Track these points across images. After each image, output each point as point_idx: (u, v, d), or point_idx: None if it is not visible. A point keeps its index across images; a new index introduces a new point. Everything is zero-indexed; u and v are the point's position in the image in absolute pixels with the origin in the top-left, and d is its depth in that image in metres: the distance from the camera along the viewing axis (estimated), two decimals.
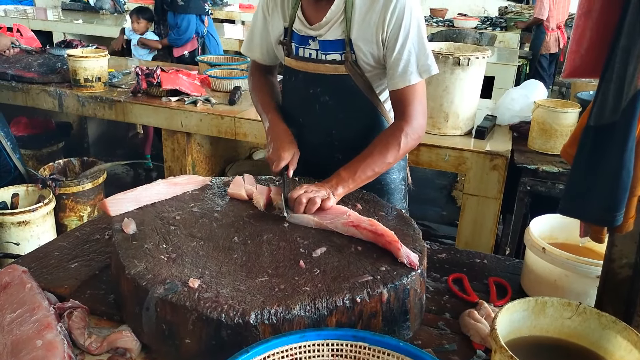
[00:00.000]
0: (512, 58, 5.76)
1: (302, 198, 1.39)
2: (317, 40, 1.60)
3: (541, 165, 2.62)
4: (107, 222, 1.61)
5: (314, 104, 1.67)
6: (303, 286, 1.12)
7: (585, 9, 1.03)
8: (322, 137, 1.71)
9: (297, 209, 1.39)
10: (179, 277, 1.13)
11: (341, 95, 1.64)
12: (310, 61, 1.64)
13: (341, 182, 1.48)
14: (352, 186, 1.50)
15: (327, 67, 1.61)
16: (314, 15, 1.59)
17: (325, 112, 1.67)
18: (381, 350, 0.96)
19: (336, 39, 1.57)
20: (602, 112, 0.98)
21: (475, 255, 1.62)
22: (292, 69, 1.69)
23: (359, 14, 1.53)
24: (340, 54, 1.58)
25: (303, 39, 1.63)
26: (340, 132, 1.69)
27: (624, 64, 0.94)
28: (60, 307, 1.19)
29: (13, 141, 3.25)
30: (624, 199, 0.99)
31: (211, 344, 1.05)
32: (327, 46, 1.59)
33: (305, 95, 1.68)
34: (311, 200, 1.39)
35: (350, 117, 1.67)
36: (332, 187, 1.46)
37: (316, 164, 1.67)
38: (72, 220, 3.38)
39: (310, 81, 1.66)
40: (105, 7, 7.86)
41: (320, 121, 1.69)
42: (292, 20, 1.62)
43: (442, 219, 4.32)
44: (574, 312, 1.07)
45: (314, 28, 1.59)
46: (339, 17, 1.54)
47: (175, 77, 3.35)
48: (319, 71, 1.62)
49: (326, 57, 1.61)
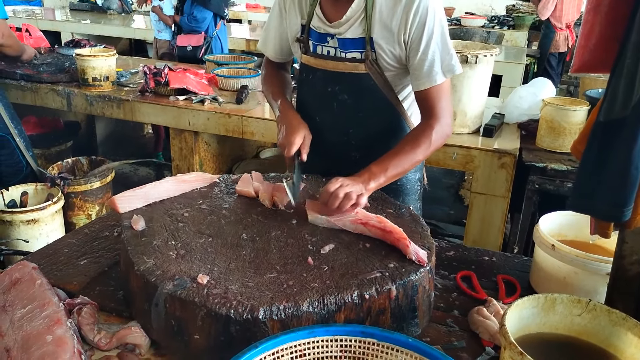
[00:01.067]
0: (519, 56, 5.73)
1: (339, 192, 1.36)
2: (336, 37, 1.58)
3: (549, 163, 2.60)
4: (116, 219, 1.62)
5: (331, 102, 1.65)
6: (311, 282, 1.12)
7: (594, 3, 1.02)
8: (339, 136, 1.69)
9: (332, 202, 1.35)
10: (188, 274, 1.13)
11: (360, 93, 1.62)
12: (329, 59, 1.62)
13: (373, 176, 1.45)
14: (382, 181, 1.47)
15: (347, 65, 1.59)
16: (333, 12, 1.57)
17: (343, 110, 1.65)
18: (390, 346, 0.96)
19: (356, 37, 1.55)
20: (612, 107, 0.98)
21: (484, 252, 1.61)
22: (310, 66, 1.67)
23: (379, 12, 1.51)
24: (360, 52, 1.57)
25: (321, 37, 1.61)
26: (357, 131, 1.67)
27: (635, 59, 0.93)
28: (70, 303, 1.20)
29: (26, 139, 3.27)
30: (633, 195, 0.98)
31: (220, 340, 1.05)
32: (347, 44, 1.58)
33: (323, 93, 1.66)
34: (347, 196, 1.36)
35: (368, 116, 1.66)
36: (364, 181, 1.43)
37: (332, 162, 1.66)
38: (81, 218, 3.40)
39: (328, 79, 1.64)
40: (112, 8, 7.89)
41: (338, 119, 1.68)
42: (309, 17, 1.61)
43: (450, 218, 4.31)
44: (584, 309, 1.06)
45: (334, 26, 1.57)
46: (359, 15, 1.53)
47: (182, 76, 3.37)
48: (338, 69, 1.61)
49: (346, 55, 1.59)
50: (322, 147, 1.63)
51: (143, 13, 8.40)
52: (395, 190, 1.70)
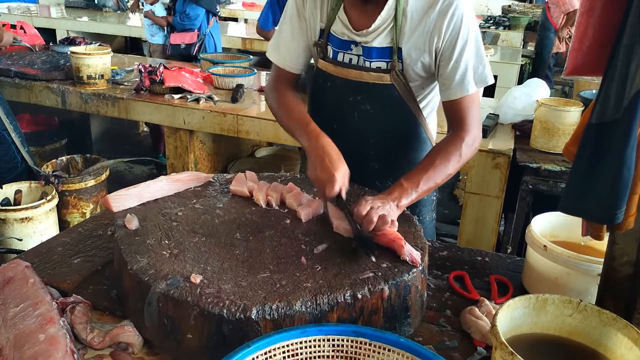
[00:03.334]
0: (515, 57, 5.75)
1: (372, 216, 1.27)
2: (360, 45, 1.52)
3: (543, 163, 2.62)
4: (110, 218, 1.61)
5: (352, 112, 1.60)
6: (304, 282, 1.12)
7: (587, 7, 1.03)
8: (359, 145, 1.62)
9: (367, 227, 1.26)
10: (181, 273, 1.13)
11: (383, 104, 1.57)
12: (352, 67, 1.56)
13: (404, 193, 1.38)
14: (414, 197, 1.39)
15: (371, 75, 1.53)
16: (360, 19, 1.50)
17: (365, 120, 1.59)
18: (382, 346, 0.96)
19: (384, 47, 1.50)
20: (604, 110, 0.98)
21: (477, 253, 1.62)
22: (328, 73, 1.60)
23: (411, 21, 1.46)
24: (386, 62, 1.51)
25: (344, 44, 1.54)
26: (377, 140, 1.63)
27: (626, 62, 0.94)
28: (63, 302, 1.20)
29: (21, 135, 3.27)
30: (625, 197, 0.99)
31: (213, 339, 1.06)
32: (373, 53, 1.52)
33: (344, 101, 1.60)
34: (382, 218, 1.27)
35: (390, 127, 1.61)
36: (395, 199, 1.35)
37: (351, 170, 1.52)
38: (75, 217, 3.39)
39: (350, 88, 1.57)
40: (108, 5, 7.87)
41: (359, 129, 1.61)
42: (330, 22, 1.54)
43: (444, 218, 4.32)
44: (575, 309, 1.07)
45: (360, 34, 1.50)
46: (388, 24, 1.47)
47: (178, 75, 3.36)
48: (362, 79, 1.54)
49: (370, 65, 1.53)
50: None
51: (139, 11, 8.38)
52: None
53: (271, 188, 1.51)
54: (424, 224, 1.75)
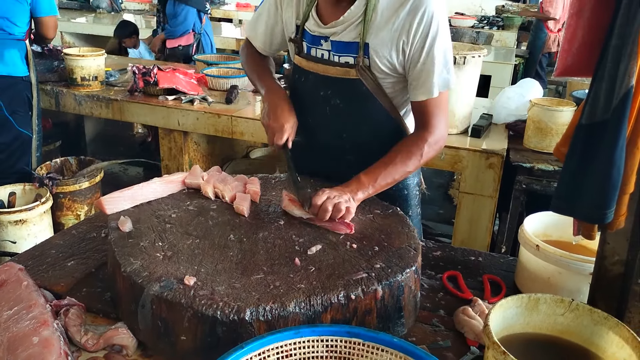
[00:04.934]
0: (508, 57, 5.78)
1: (327, 205, 1.34)
2: (329, 40, 1.55)
3: (537, 163, 2.63)
4: (104, 220, 1.61)
5: (324, 106, 1.62)
6: (298, 283, 1.12)
7: (576, 8, 1.04)
8: (332, 139, 1.66)
9: (323, 216, 1.34)
10: (175, 275, 1.13)
11: (352, 99, 1.59)
12: (321, 62, 1.59)
13: (361, 187, 1.45)
14: (371, 192, 1.47)
15: (337, 70, 1.56)
16: (330, 14, 1.54)
17: (336, 114, 1.62)
18: (375, 346, 0.97)
19: (351, 42, 1.52)
20: (594, 110, 0.99)
21: (470, 252, 1.63)
22: (302, 68, 1.65)
23: (380, 17, 1.47)
24: (353, 57, 1.53)
25: (315, 39, 1.58)
26: (351, 135, 1.64)
27: (615, 63, 0.95)
28: (57, 305, 1.20)
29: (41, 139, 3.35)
30: (615, 197, 1.00)
31: (207, 341, 1.06)
32: (341, 48, 1.54)
33: (316, 96, 1.63)
34: (336, 207, 1.34)
35: (362, 121, 1.62)
36: (352, 192, 1.42)
37: (327, 163, 1.64)
38: (69, 219, 3.38)
39: (320, 83, 1.61)
40: (102, 6, 7.86)
41: (331, 123, 1.65)
42: (305, 18, 1.58)
43: (439, 218, 4.33)
44: (567, 308, 1.08)
45: (329, 27, 1.54)
46: (357, 19, 1.49)
47: (172, 76, 3.36)
48: (328, 73, 1.57)
49: (338, 60, 1.56)
50: (316, 149, 1.62)
51: (133, 12, 8.37)
52: (392, 196, 1.64)
53: (219, 180, 1.52)
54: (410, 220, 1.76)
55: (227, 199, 1.48)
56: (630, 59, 0.93)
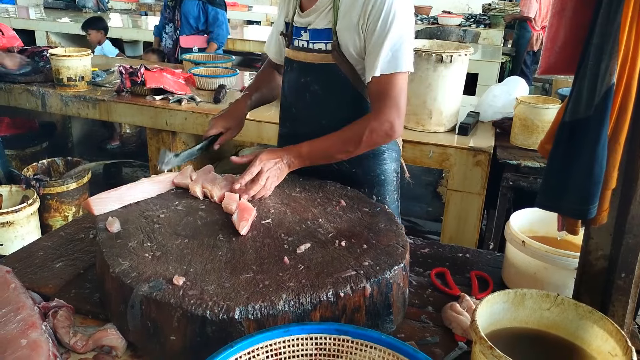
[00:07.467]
0: (495, 55, 5.82)
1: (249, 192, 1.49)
2: (308, 30, 1.64)
3: (523, 160, 2.66)
4: (92, 221, 1.61)
5: (304, 94, 1.71)
6: (287, 282, 1.13)
7: (558, 7, 1.06)
8: (313, 127, 1.68)
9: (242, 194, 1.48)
10: (164, 275, 1.13)
11: (329, 84, 1.66)
12: (302, 50, 1.68)
13: (299, 159, 1.58)
14: (307, 163, 1.60)
15: (315, 55, 1.64)
16: (307, 3, 1.64)
17: (315, 102, 1.69)
18: (364, 343, 0.97)
19: (324, 28, 1.60)
20: (577, 107, 1.01)
21: (458, 249, 1.64)
22: (290, 59, 1.74)
23: (346, 3, 1.55)
24: (326, 43, 1.61)
25: (297, 30, 1.68)
26: (330, 122, 1.66)
27: (597, 61, 0.97)
28: (45, 307, 1.19)
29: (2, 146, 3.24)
30: (597, 193, 1.02)
31: (196, 341, 1.06)
32: (316, 35, 1.63)
33: (298, 84, 1.72)
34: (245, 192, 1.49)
35: (339, 108, 1.68)
36: (287, 161, 1.57)
37: None
38: (57, 220, 3.36)
39: (301, 70, 1.70)
40: (88, 6, 7.80)
41: (311, 111, 1.72)
42: (293, 14, 1.69)
43: (428, 215, 4.36)
44: (553, 303, 1.09)
45: (304, 15, 1.64)
46: (327, 6, 1.58)
47: (159, 76, 3.35)
48: (308, 60, 1.66)
49: (314, 47, 1.64)
50: (300, 138, 1.64)
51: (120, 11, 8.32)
52: (370, 181, 1.75)
53: (208, 180, 1.53)
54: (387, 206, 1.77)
55: (215, 198, 1.49)
56: (611, 57, 0.95)
